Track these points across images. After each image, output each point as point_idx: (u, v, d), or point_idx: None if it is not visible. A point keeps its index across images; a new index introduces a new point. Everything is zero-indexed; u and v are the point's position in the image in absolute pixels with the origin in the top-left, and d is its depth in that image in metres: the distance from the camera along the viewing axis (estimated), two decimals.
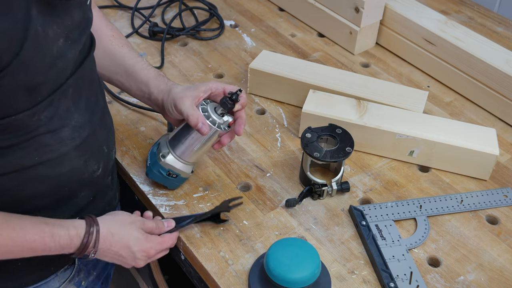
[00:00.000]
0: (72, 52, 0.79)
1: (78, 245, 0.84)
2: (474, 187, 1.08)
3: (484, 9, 1.55)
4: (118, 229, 0.88)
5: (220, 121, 0.95)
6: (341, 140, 1.02)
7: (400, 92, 1.18)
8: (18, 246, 0.79)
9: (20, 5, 0.68)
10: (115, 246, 0.87)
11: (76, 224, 0.84)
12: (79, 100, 0.84)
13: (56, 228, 0.82)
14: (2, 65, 0.68)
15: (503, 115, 1.22)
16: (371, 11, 1.33)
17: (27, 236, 0.79)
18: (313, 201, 1.04)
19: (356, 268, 0.93)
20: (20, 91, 0.73)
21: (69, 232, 0.83)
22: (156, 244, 0.91)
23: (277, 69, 1.22)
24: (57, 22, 0.74)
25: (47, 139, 0.80)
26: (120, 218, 0.90)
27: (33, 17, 0.70)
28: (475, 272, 0.94)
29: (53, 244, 0.81)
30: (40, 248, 0.81)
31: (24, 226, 0.79)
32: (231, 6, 1.56)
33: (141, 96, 1.03)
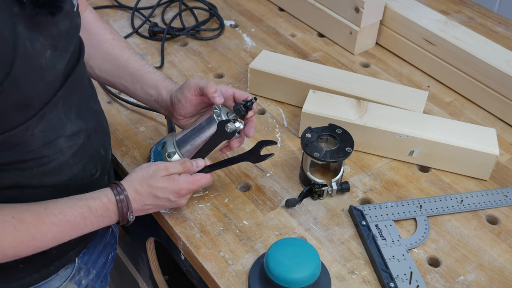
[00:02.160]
0: (61, 62, 0.78)
1: (116, 211, 0.86)
2: (474, 187, 1.08)
3: (484, 9, 1.55)
4: (142, 186, 0.89)
5: (232, 126, 0.96)
6: (341, 140, 1.02)
7: (400, 92, 1.18)
8: (62, 229, 0.81)
9: (6, 23, 0.67)
10: (147, 201, 0.89)
11: (106, 193, 0.87)
12: (70, 110, 0.84)
13: (90, 200, 0.84)
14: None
15: (503, 115, 1.22)
16: (371, 11, 1.33)
17: (67, 217, 0.81)
18: (313, 201, 1.04)
19: (356, 268, 0.93)
20: (12, 109, 0.72)
21: (102, 201, 0.85)
22: (185, 183, 0.91)
23: (277, 69, 1.22)
24: (43, 34, 0.73)
25: (45, 151, 0.81)
26: (141, 174, 0.90)
27: (20, 33, 0.69)
28: (475, 272, 0.94)
29: (93, 216, 0.84)
30: (82, 224, 0.83)
31: (62, 209, 0.81)
32: (231, 6, 1.56)
33: (147, 99, 1.03)
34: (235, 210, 1.01)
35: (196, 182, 0.92)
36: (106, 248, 1.06)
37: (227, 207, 1.02)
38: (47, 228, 0.79)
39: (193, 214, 1.00)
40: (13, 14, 0.68)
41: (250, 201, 1.03)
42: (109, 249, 1.07)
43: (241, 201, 1.03)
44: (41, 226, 0.79)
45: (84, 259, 0.99)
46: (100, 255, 1.04)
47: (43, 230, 0.79)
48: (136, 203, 0.88)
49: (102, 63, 1.00)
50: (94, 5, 1.51)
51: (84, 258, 0.99)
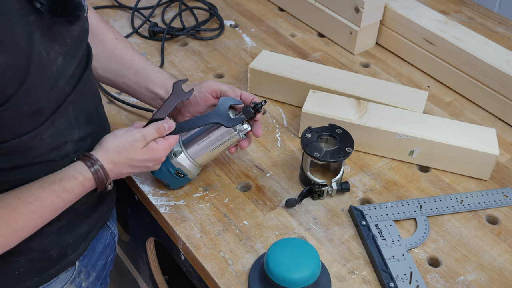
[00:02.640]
0: (71, 68, 0.79)
1: (93, 185, 0.85)
2: (474, 187, 1.08)
3: (484, 9, 1.55)
4: (120, 157, 0.87)
5: (240, 128, 0.97)
6: (341, 140, 1.02)
7: (400, 92, 1.18)
8: (42, 215, 0.79)
9: (22, 32, 0.67)
10: (124, 170, 0.88)
11: (79, 169, 0.83)
12: (80, 115, 0.84)
13: (64, 182, 0.82)
14: (6, 97, 0.68)
15: (503, 115, 1.22)
16: (371, 11, 1.33)
17: (44, 202, 0.79)
18: (313, 201, 1.04)
19: (356, 268, 0.93)
20: (24, 117, 0.73)
21: (78, 180, 0.83)
22: (163, 150, 0.90)
23: (277, 69, 1.22)
24: (59, 42, 0.74)
25: (52, 156, 0.81)
26: (116, 144, 0.87)
27: (36, 42, 0.69)
28: (475, 272, 0.94)
29: (70, 195, 0.82)
30: (61, 205, 0.82)
31: (36, 195, 0.79)
32: (231, 6, 1.56)
33: (151, 97, 1.03)
34: (235, 210, 1.01)
35: (171, 144, 0.91)
36: (106, 250, 1.06)
37: (227, 207, 1.02)
38: (26, 217, 0.77)
39: (193, 214, 1.00)
40: (29, 23, 0.68)
41: (250, 201, 1.03)
42: (108, 250, 1.07)
43: (241, 201, 1.03)
44: (19, 217, 0.77)
45: (84, 261, 0.99)
46: (100, 257, 1.04)
47: (23, 220, 0.77)
48: (113, 173, 0.87)
49: (106, 63, 1.00)
50: (94, 5, 1.51)
51: (84, 260, 0.99)
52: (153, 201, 1.03)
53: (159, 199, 1.03)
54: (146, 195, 1.04)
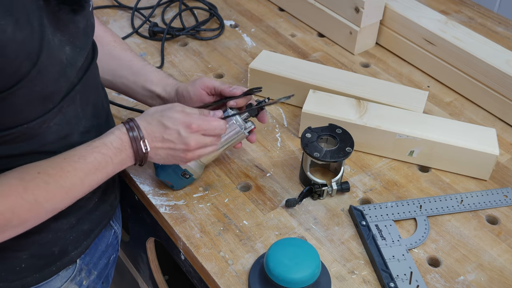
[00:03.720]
0: (80, 59, 0.80)
1: (128, 141, 0.85)
2: (474, 187, 1.08)
3: (484, 9, 1.55)
4: (153, 116, 0.88)
5: (245, 126, 0.98)
6: (341, 140, 1.02)
7: (400, 92, 1.18)
8: (87, 171, 0.81)
9: (35, 14, 0.69)
10: (157, 131, 0.87)
11: (117, 127, 0.86)
12: (87, 106, 0.86)
13: (103, 138, 0.84)
14: (20, 76, 0.69)
15: (503, 115, 1.22)
16: (371, 11, 1.33)
17: (88, 159, 0.81)
18: (313, 201, 1.04)
19: (356, 268, 0.93)
20: (35, 101, 0.74)
21: (114, 133, 0.85)
22: (197, 119, 0.89)
23: (277, 69, 1.22)
24: (61, 30, 0.75)
25: (57, 146, 0.81)
26: (154, 109, 0.90)
27: (46, 26, 0.71)
28: (475, 272, 0.94)
29: (110, 150, 0.84)
30: (103, 162, 0.83)
31: (80, 154, 0.81)
32: (231, 6, 1.56)
33: (149, 96, 1.04)
34: (235, 210, 1.01)
35: (209, 121, 0.90)
36: (108, 249, 1.06)
37: (227, 207, 1.02)
38: (73, 175, 0.80)
39: (193, 214, 1.00)
40: (40, 7, 0.70)
41: (250, 201, 1.03)
42: (111, 250, 1.07)
43: (241, 201, 1.03)
44: (66, 174, 0.79)
45: (85, 260, 0.99)
46: (102, 256, 1.04)
47: (69, 178, 0.80)
48: (146, 132, 0.87)
49: (104, 64, 1.01)
50: (94, 5, 1.51)
51: (85, 259, 0.99)
52: (153, 201, 1.03)
53: (159, 199, 1.03)
54: (146, 195, 1.04)
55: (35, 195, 0.76)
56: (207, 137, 0.90)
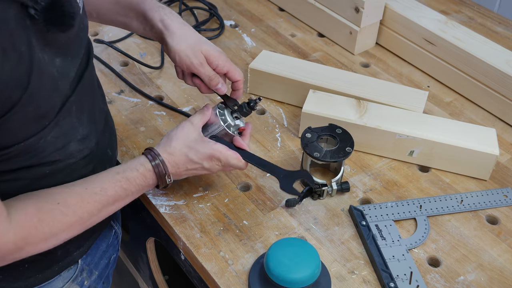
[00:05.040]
0: (72, 69, 0.79)
1: (153, 177, 0.88)
2: (474, 187, 1.08)
3: (484, 9, 1.55)
4: (175, 146, 0.90)
5: (232, 123, 0.98)
6: (341, 140, 1.02)
7: (400, 92, 1.18)
8: (106, 204, 0.83)
9: (22, 38, 0.67)
10: (181, 160, 0.90)
11: (141, 161, 0.88)
12: (82, 114, 0.84)
13: (127, 172, 0.86)
14: (12, 103, 0.68)
15: (503, 115, 1.22)
16: (371, 11, 1.33)
17: (108, 192, 0.83)
18: (313, 201, 1.04)
19: (356, 268, 0.93)
20: (29, 121, 0.73)
21: (139, 171, 0.87)
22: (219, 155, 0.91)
23: (277, 69, 1.22)
24: (50, 44, 0.73)
25: (56, 156, 0.81)
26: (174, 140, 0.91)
27: (34, 46, 0.69)
28: (475, 272, 0.94)
29: (132, 186, 0.86)
30: (123, 195, 0.85)
31: (102, 185, 0.83)
32: (231, 6, 1.56)
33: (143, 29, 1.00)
34: (235, 210, 1.01)
35: (229, 159, 0.91)
36: (109, 249, 1.06)
37: (227, 207, 1.02)
38: (92, 206, 0.81)
39: (193, 214, 1.00)
40: (26, 27, 0.68)
41: (250, 201, 1.03)
42: (111, 250, 1.07)
43: (241, 201, 1.03)
44: (85, 206, 0.80)
45: (87, 260, 0.99)
46: (103, 256, 1.04)
47: (88, 209, 0.81)
48: (170, 165, 0.89)
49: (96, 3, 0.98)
50: None
51: (87, 259, 0.99)
52: (153, 201, 1.03)
53: (159, 199, 1.03)
54: (146, 195, 1.04)
55: (50, 227, 0.77)
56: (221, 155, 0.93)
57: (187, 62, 0.94)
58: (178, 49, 0.94)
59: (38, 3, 0.67)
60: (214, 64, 0.96)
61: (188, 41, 0.95)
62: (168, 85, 1.29)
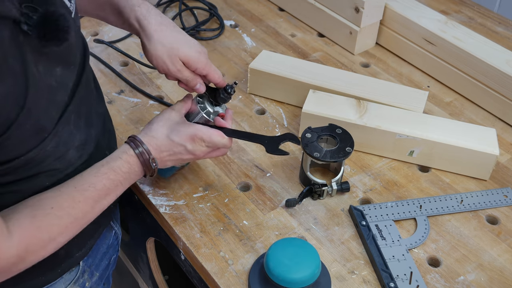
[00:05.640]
0: (71, 78, 0.79)
1: (137, 162, 0.87)
2: (474, 187, 1.08)
3: (484, 9, 1.55)
4: (157, 131, 0.90)
5: (211, 110, 0.98)
6: (341, 140, 1.02)
7: (400, 92, 1.18)
8: (97, 199, 0.82)
9: (15, 57, 0.66)
10: (163, 142, 0.89)
11: (123, 149, 0.87)
12: (79, 120, 0.84)
13: (111, 163, 0.85)
14: (9, 122, 0.68)
15: (503, 115, 1.22)
16: (371, 11, 1.33)
17: (97, 186, 0.82)
18: (313, 201, 1.04)
19: (356, 268, 0.93)
20: (28, 136, 0.73)
21: (122, 158, 0.86)
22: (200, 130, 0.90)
23: (277, 69, 1.22)
24: (46, 56, 0.72)
25: (55, 165, 0.81)
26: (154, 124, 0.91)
27: (29, 62, 0.68)
28: (475, 272, 0.94)
29: (119, 175, 0.85)
30: (113, 187, 0.84)
31: (90, 182, 0.82)
32: (231, 6, 1.56)
33: (121, 23, 0.98)
34: (235, 210, 1.01)
35: (212, 137, 0.91)
36: (109, 250, 1.06)
37: (227, 207, 1.02)
38: (84, 204, 0.81)
39: (193, 214, 1.00)
40: (19, 44, 0.67)
41: (250, 201, 1.03)
42: (112, 251, 1.07)
43: (241, 201, 1.03)
44: (78, 205, 0.80)
45: (88, 261, 0.99)
46: (104, 257, 1.04)
47: (82, 208, 0.80)
48: (153, 149, 0.88)
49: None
50: None
51: (88, 260, 0.99)
52: (153, 201, 1.03)
53: (159, 199, 1.03)
54: (146, 195, 1.04)
55: (49, 233, 0.77)
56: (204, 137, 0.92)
57: (164, 68, 0.94)
58: (155, 54, 0.93)
59: (30, 18, 0.66)
60: (192, 67, 0.94)
61: (165, 44, 0.92)
62: (168, 85, 1.29)
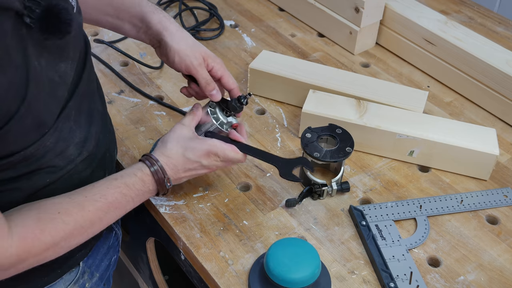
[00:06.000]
0: (70, 73, 0.79)
1: (152, 181, 0.88)
2: (474, 187, 1.08)
3: (484, 9, 1.55)
4: (171, 149, 0.89)
5: (224, 120, 0.97)
6: (341, 140, 1.02)
7: (400, 92, 1.18)
8: (106, 211, 0.82)
9: (17, 49, 0.66)
10: (179, 165, 0.89)
11: (139, 167, 0.88)
12: (79, 116, 0.84)
13: (126, 178, 0.85)
14: (10, 115, 0.68)
15: (503, 115, 1.22)
16: (371, 11, 1.33)
17: (108, 198, 0.82)
18: (313, 201, 1.04)
19: (356, 268, 0.93)
20: (29, 130, 0.73)
21: (137, 176, 0.86)
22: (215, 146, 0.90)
23: (277, 69, 1.22)
24: (48, 50, 0.73)
25: (55, 161, 0.81)
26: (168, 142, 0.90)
27: (30, 55, 0.69)
28: (475, 272, 0.94)
29: (132, 192, 0.85)
30: (124, 202, 0.84)
31: (101, 193, 0.82)
32: (231, 6, 1.56)
33: (136, 31, 0.99)
34: (235, 210, 1.01)
35: (227, 152, 0.91)
36: (110, 251, 1.06)
37: (227, 207, 1.02)
38: (93, 214, 0.80)
39: (193, 214, 1.00)
40: (21, 36, 0.67)
41: (250, 201, 1.03)
42: (112, 251, 1.07)
43: (241, 201, 1.03)
44: (86, 214, 0.80)
45: (88, 262, 0.99)
46: (104, 258, 1.04)
47: (89, 217, 0.80)
48: (169, 168, 0.89)
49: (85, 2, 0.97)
50: None
51: (88, 261, 0.99)
52: (153, 201, 1.03)
53: (159, 199, 1.03)
54: None
55: (52, 237, 0.76)
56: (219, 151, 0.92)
57: (187, 62, 0.94)
58: (177, 49, 0.94)
59: (33, 11, 0.67)
60: (210, 65, 0.95)
61: (188, 41, 0.95)
62: (168, 85, 1.29)
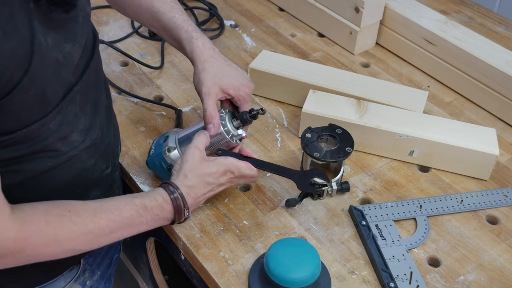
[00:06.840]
0: (76, 56, 0.79)
1: (171, 210, 0.87)
2: (474, 187, 1.08)
3: (484, 9, 1.55)
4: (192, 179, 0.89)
5: (234, 133, 0.97)
6: (341, 140, 1.02)
7: (400, 92, 1.18)
8: (119, 224, 0.82)
9: (23, 20, 0.68)
10: (199, 192, 0.90)
11: (160, 193, 0.87)
12: (86, 104, 0.84)
13: (145, 199, 0.85)
14: (13, 84, 0.68)
15: (503, 115, 1.22)
16: (371, 11, 1.33)
17: (123, 213, 0.82)
18: (313, 201, 1.04)
19: (356, 268, 0.93)
20: (31, 105, 0.73)
21: (157, 201, 0.86)
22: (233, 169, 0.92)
23: (277, 69, 1.22)
24: (55, 29, 0.74)
25: (58, 146, 0.81)
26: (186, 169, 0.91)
27: (36, 29, 0.70)
28: (475, 272, 0.94)
29: (148, 214, 0.85)
30: (137, 221, 0.84)
31: (117, 206, 0.82)
32: (231, 6, 1.56)
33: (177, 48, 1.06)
34: (235, 210, 1.01)
35: (242, 170, 0.92)
36: (111, 249, 1.06)
37: (227, 207, 1.02)
38: (104, 222, 0.80)
39: (193, 214, 1.00)
40: (29, 10, 0.69)
41: (250, 201, 1.03)
42: (113, 250, 1.08)
43: (241, 201, 1.03)
44: (98, 220, 0.79)
45: (89, 260, 0.99)
46: (105, 257, 1.05)
47: (100, 224, 0.79)
48: (190, 197, 0.89)
49: (136, 13, 1.02)
50: (95, 5, 1.51)
51: (89, 259, 0.99)
52: None
53: None
54: None
55: (56, 231, 0.75)
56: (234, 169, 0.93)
57: (199, 88, 0.97)
58: (197, 78, 0.98)
59: None
60: (231, 95, 0.98)
61: (209, 72, 0.98)
62: (168, 85, 1.29)
